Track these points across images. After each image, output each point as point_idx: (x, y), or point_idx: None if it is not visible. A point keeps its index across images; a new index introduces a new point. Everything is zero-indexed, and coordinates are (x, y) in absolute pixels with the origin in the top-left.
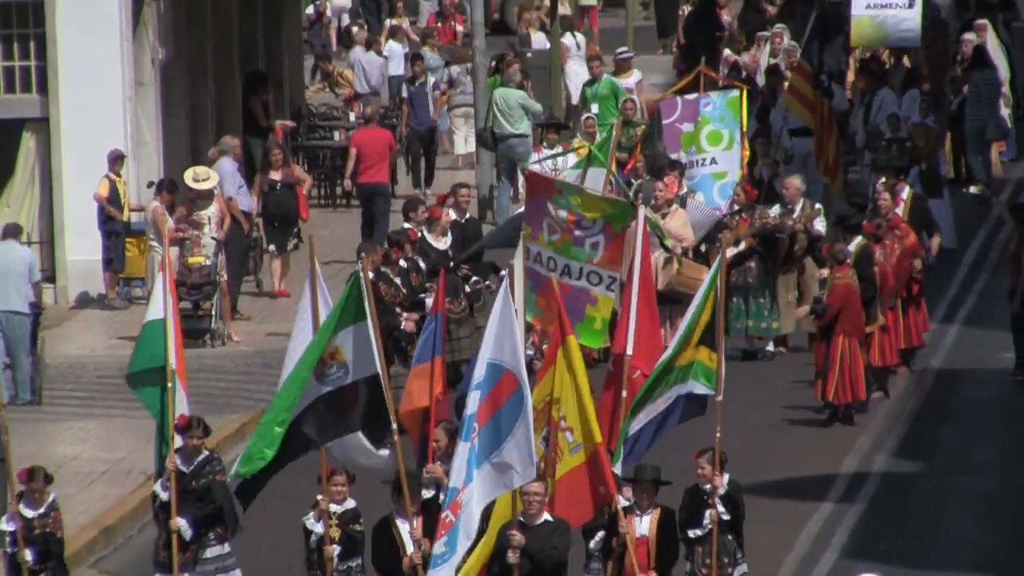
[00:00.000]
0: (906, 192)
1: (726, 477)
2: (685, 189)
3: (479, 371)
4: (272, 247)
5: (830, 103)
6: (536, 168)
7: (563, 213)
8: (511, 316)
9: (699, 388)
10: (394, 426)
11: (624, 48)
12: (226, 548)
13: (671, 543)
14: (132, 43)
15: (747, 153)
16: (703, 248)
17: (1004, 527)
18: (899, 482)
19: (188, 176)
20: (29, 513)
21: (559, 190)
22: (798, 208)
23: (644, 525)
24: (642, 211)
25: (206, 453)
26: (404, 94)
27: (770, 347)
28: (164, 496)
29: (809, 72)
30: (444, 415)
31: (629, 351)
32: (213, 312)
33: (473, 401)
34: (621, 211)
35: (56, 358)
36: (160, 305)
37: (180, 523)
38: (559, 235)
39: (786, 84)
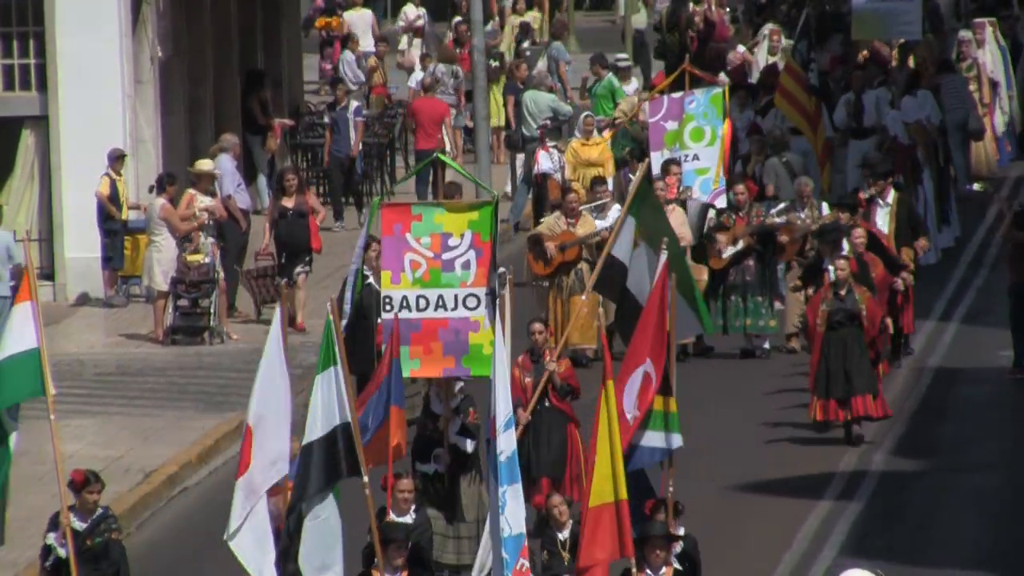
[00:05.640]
0: (891, 196)
1: (681, 530)
2: (682, 187)
3: (507, 407)
4: (284, 280)
5: (819, 101)
6: (547, 163)
7: (426, 240)
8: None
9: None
10: (365, 479)
11: (624, 55)
12: None
13: None
14: (131, 41)
15: (728, 148)
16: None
17: (1002, 525)
18: (896, 480)
19: (193, 168)
20: None
21: (418, 216)
22: (807, 208)
23: None
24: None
25: (101, 510)
26: (327, 119)
27: (766, 345)
28: (62, 553)
29: (799, 73)
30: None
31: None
32: (211, 310)
33: (510, 440)
34: (484, 215)
35: (54, 356)
36: (34, 334)
37: None
38: (424, 267)
39: (778, 84)
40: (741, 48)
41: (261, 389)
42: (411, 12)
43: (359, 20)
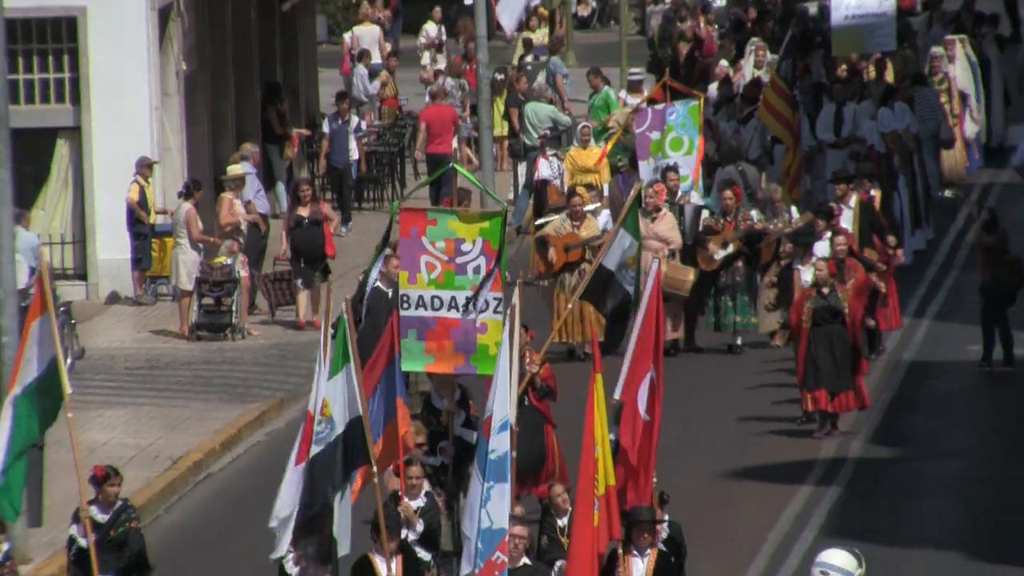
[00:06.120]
0: (853, 200)
1: (666, 517)
2: (680, 193)
3: (503, 410)
4: (299, 281)
5: (799, 114)
6: (547, 170)
7: (441, 244)
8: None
9: None
10: (374, 468)
11: (637, 69)
12: None
13: None
14: (158, 56)
15: (701, 157)
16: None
17: (969, 508)
18: (873, 466)
19: (227, 175)
20: None
21: (433, 220)
22: (778, 214)
23: (640, 568)
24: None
25: (121, 502)
26: (326, 129)
27: (739, 341)
28: (83, 543)
29: (784, 90)
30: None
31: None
32: (233, 308)
33: (503, 441)
34: (495, 225)
35: (88, 350)
36: (37, 357)
37: None
38: (439, 270)
39: (762, 98)
40: (723, 63)
41: (316, 384)
42: (432, 30)
43: (367, 35)
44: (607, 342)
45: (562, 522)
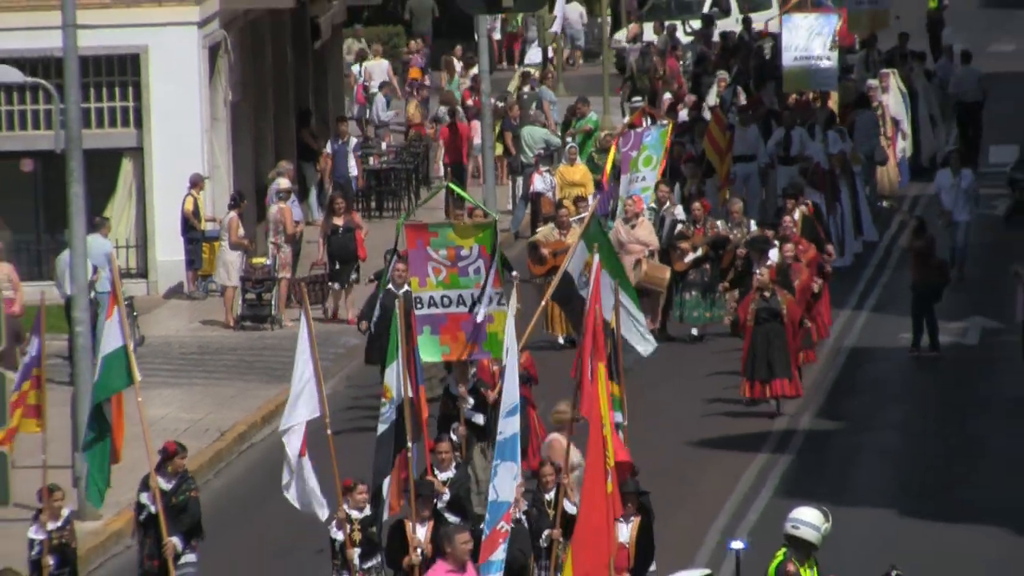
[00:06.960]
0: (797, 213)
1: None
2: (668, 203)
3: (512, 397)
4: (334, 284)
5: (731, 137)
6: (541, 183)
7: (443, 251)
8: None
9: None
10: (410, 444)
11: (638, 97)
12: (194, 557)
13: (647, 548)
14: (208, 88)
15: (662, 171)
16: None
17: (900, 474)
18: (819, 438)
19: (272, 187)
20: (51, 525)
21: (435, 232)
22: (738, 225)
23: (625, 532)
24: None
25: (182, 472)
26: (329, 150)
27: (694, 331)
28: (153, 509)
29: (721, 118)
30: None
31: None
32: (273, 302)
33: (512, 425)
34: (487, 231)
35: (148, 338)
36: (118, 334)
37: (174, 540)
38: (445, 273)
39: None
40: (668, 95)
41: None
42: (455, 65)
43: (376, 68)
44: (576, 332)
45: (548, 496)
